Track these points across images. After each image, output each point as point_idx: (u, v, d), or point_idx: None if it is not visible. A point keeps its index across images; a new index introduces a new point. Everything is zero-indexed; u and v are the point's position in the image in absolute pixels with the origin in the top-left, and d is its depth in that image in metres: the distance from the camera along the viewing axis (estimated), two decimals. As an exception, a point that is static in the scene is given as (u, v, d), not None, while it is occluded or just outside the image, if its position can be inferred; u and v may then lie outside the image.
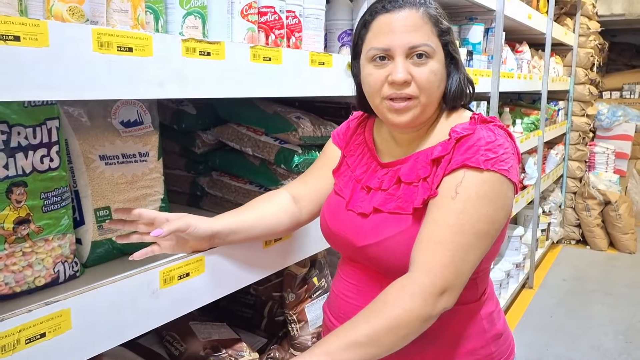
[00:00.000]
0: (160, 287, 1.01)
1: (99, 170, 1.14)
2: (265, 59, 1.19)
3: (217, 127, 1.58)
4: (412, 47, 1.01)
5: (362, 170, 1.16)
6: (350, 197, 1.13)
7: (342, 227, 1.12)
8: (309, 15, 1.42)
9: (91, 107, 1.15)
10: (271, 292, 1.50)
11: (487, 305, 1.12)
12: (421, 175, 1.04)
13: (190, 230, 1.04)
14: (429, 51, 1.02)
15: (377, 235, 1.05)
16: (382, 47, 1.03)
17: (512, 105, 3.84)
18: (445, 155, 1.02)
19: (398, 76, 1.01)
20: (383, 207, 1.06)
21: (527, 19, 3.04)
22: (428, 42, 1.02)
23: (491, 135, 1.01)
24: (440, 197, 0.99)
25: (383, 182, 1.10)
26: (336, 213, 1.15)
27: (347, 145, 1.24)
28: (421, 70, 1.02)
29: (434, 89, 1.04)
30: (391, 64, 1.03)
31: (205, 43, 1.04)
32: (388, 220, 1.05)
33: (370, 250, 1.06)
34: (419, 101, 1.03)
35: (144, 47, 0.92)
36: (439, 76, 1.04)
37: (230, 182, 1.55)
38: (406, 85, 1.02)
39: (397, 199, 1.05)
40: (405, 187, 1.05)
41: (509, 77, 2.90)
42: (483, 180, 0.96)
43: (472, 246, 0.96)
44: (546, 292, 3.89)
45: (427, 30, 1.02)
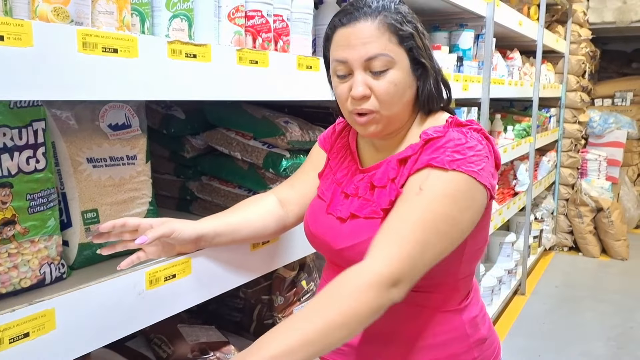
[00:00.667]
0: (147, 288, 1.01)
1: (86, 173, 1.15)
2: (252, 62, 1.20)
3: (206, 131, 1.58)
4: (368, 59, 1.00)
5: (342, 173, 1.17)
6: (331, 201, 1.14)
7: (322, 230, 1.13)
8: (297, 19, 1.43)
9: (79, 110, 1.15)
10: (260, 295, 1.50)
11: (470, 310, 1.12)
12: (390, 177, 1.05)
13: (175, 235, 1.05)
14: (387, 61, 1.00)
15: (353, 239, 1.05)
16: (340, 60, 1.03)
17: (504, 112, 3.86)
18: (412, 155, 1.02)
19: (355, 92, 1.01)
20: (359, 213, 1.07)
21: (517, 26, 3.07)
22: (384, 51, 1.00)
23: (462, 137, 1.01)
24: (405, 193, 0.99)
25: (359, 188, 1.10)
26: (317, 216, 1.16)
27: (332, 148, 1.25)
28: (380, 83, 1.01)
29: (395, 101, 1.03)
30: (352, 78, 1.03)
31: (191, 45, 1.05)
32: (364, 225, 1.05)
33: (347, 253, 1.06)
34: (381, 115, 1.03)
35: (129, 48, 0.93)
36: (401, 85, 1.03)
37: (219, 186, 1.55)
38: (365, 99, 1.02)
39: (372, 204, 1.06)
40: (378, 192, 1.06)
41: (499, 83, 2.92)
42: (448, 180, 0.96)
43: (431, 244, 0.94)
44: (538, 298, 3.90)
45: (384, 40, 1.00)
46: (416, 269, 0.93)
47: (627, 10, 5.22)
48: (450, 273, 1.06)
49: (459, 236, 0.98)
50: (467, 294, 1.14)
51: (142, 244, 1.01)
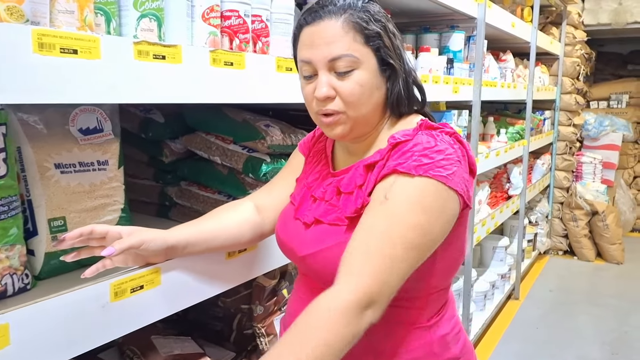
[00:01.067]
0: (111, 300, 0.97)
1: (54, 179, 1.10)
2: (226, 63, 1.15)
3: (186, 135, 1.54)
4: (332, 59, 0.96)
5: (314, 177, 1.13)
6: (299, 205, 1.10)
7: (289, 235, 1.09)
8: (277, 20, 1.38)
9: (49, 115, 1.11)
10: (239, 305, 1.45)
11: (440, 327, 1.05)
12: (357, 184, 1.01)
13: (144, 246, 1.00)
14: (352, 62, 0.97)
15: (315, 245, 1.01)
16: (305, 60, 1.00)
17: (497, 114, 3.82)
18: (379, 161, 0.98)
19: (318, 93, 0.98)
20: (324, 218, 1.03)
21: (510, 28, 3.03)
22: (349, 52, 0.96)
23: (431, 140, 0.96)
24: (371, 202, 0.94)
25: (326, 192, 1.06)
26: (286, 221, 1.12)
27: (309, 153, 1.21)
28: (344, 83, 0.97)
29: (362, 101, 0.99)
30: (316, 79, 1.00)
31: (159, 46, 1.00)
32: (327, 231, 1.01)
33: (310, 261, 1.02)
34: (347, 116, 1.00)
35: (90, 49, 0.88)
36: (368, 86, 0.99)
37: (198, 191, 1.51)
38: (329, 100, 0.99)
39: (337, 210, 1.02)
40: (344, 197, 1.02)
41: (491, 85, 2.88)
42: (414, 186, 0.90)
43: (400, 258, 0.88)
44: (532, 303, 3.86)
45: (348, 40, 0.96)
46: (388, 286, 0.87)
47: (622, 11, 5.19)
48: (421, 287, 1.01)
49: (430, 247, 0.93)
50: (439, 309, 1.07)
51: (110, 254, 0.96)
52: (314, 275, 1.05)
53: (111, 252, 0.96)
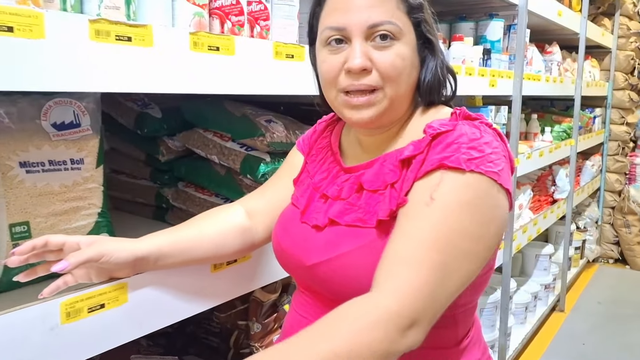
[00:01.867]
0: (62, 322, 0.83)
1: (18, 179, 0.98)
2: (211, 48, 1.00)
3: (183, 132, 1.40)
4: (372, 26, 0.83)
5: (321, 176, 0.98)
6: (306, 207, 0.95)
7: (293, 243, 0.93)
8: (279, 2, 1.22)
9: (20, 108, 0.99)
10: (236, 321, 1.30)
11: (469, 352, 0.90)
12: (388, 181, 0.85)
13: (104, 259, 0.86)
14: (394, 31, 0.83)
15: (329, 251, 0.85)
16: (337, 27, 0.85)
17: (542, 112, 3.55)
18: (418, 155, 0.83)
19: (355, 62, 0.82)
20: (340, 219, 0.87)
21: (556, 16, 2.78)
22: (392, 19, 0.83)
23: (476, 132, 0.81)
24: (412, 204, 0.79)
25: (343, 189, 0.91)
26: (288, 226, 0.97)
27: (310, 151, 1.05)
28: (384, 54, 0.83)
29: (402, 78, 0.85)
30: (348, 47, 0.85)
31: (123, 25, 0.86)
32: (345, 234, 0.86)
33: (321, 270, 0.86)
34: (384, 94, 0.85)
35: (31, 26, 0.74)
36: (408, 62, 0.86)
37: (194, 193, 1.36)
38: (365, 73, 0.84)
39: (357, 210, 0.87)
40: (368, 196, 0.87)
41: (534, 79, 2.64)
42: (466, 184, 0.77)
43: (452, 268, 0.74)
44: (579, 316, 3.57)
45: (391, 6, 0.84)
46: (436, 302, 0.73)
47: (683, 2, 4.79)
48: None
49: (486, 255, 0.79)
50: (468, 331, 0.92)
51: (62, 270, 0.82)
52: (326, 289, 0.89)
53: (64, 268, 0.82)
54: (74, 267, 0.83)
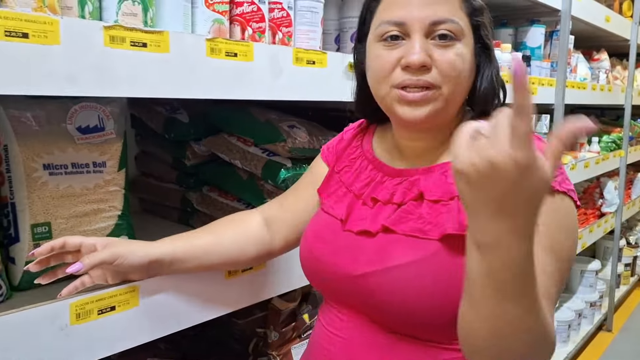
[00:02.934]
0: (72, 323, 0.84)
1: (41, 181, 1.01)
2: (229, 54, 1.00)
3: (209, 137, 1.41)
4: (435, 23, 0.79)
5: (362, 183, 0.92)
6: (348, 215, 0.89)
7: (334, 252, 0.87)
8: (302, 8, 1.22)
9: (48, 111, 1.02)
10: (254, 328, 1.30)
11: None
12: (454, 193, 0.79)
13: (118, 262, 0.86)
14: (456, 30, 0.80)
15: (383, 261, 0.80)
16: (396, 21, 0.81)
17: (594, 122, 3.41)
18: None
19: (413, 57, 0.78)
20: (396, 227, 0.82)
21: (604, 22, 2.67)
22: (454, 18, 0.80)
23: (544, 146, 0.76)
24: None
25: (395, 193, 0.86)
26: (325, 234, 0.91)
27: (339, 160, 1.00)
28: (445, 52, 0.80)
29: (461, 79, 0.81)
30: (406, 44, 0.81)
31: (139, 32, 0.87)
32: (401, 243, 0.80)
33: (372, 281, 0.80)
34: (441, 92, 0.80)
35: (46, 33, 0.76)
36: (467, 64, 0.82)
37: (217, 198, 1.37)
38: (424, 70, 0.79)
39: (417, 219, 0.81)
40: (429, 205, 0.81)
41: (579, 87, 2.54)
42: (558, 205, 0.75)
43: (557, 298, 0.73)
44: (628, 337, 3.39)
45: (454, 5, 0.81)
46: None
47: None
48: None
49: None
50: None
51: (76, 272, 0.84)
52: (373, 302, 0.82)
53: (78, 269, 0.84)
54: (88, 269, 0.84)
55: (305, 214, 1.02)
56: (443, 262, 0.76)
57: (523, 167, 0.54)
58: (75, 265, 0.84)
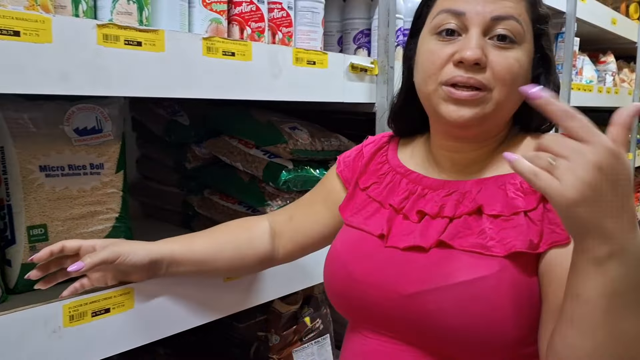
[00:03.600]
0: (65, 325, 0.83)
1: (38, 183, 1.00)
2: (226, 53, 0.99)
3: (210, 139, 1.40)
4: (497, 18, 0.75)
5: (401, 197, 0.85)
6: (389, 230, 0.82)
7: (377, 270, 0.80)
8: (303, 8, 1.21)
9: (45, 113, 1.01)
10: (256, 331, 1.28)
11: None
12: (520, 207, 0.74)
13: (120, 261, 0.84)
14: (517, 32, 0.75)
15: (443, 278, 0.73)
16: (456, 10, 0.77)
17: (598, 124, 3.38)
18: None
19: (468, 53, 0.74)
20: (453, 242, 0.76)
21: (610, 25, 2.64)
22: (519, 17, 0.76)
23: None
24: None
25: (444, 206, 0.79)
26: (366, 253, 0.83)
27: (363, 176, 0.95)
28: (503, 54, 0.75)
29: (515, 85, 0.75)
30: (462, 39, 0.77)
31: (133, 30, 0.86)
32: (461, 259, 0.74)
33: (429, 300, 0.73)
34: (492, 96, 0.75)
35: (38, 31, 0.75)
36: (524, 70, 0.77)
37: (219, 201, 1.36)
38: (478, 68, 0.74)
39: (478, 234, 0.75)
40: (489, 220, 0.75)
41: (585, 90, 2.51)
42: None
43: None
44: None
45: (521, 6, 0.77)
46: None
47: None
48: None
49: None
50: None
51: (77, 271, 0.82)
52: (427, 324, 0.75)
53: (79, 268, 0.81)
54: (89, 267, 0.82)
55: (313, 230, 1.00)
56: (509, 280, 0.71)
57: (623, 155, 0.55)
58: (76, 265, 0.81)
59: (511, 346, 0.71)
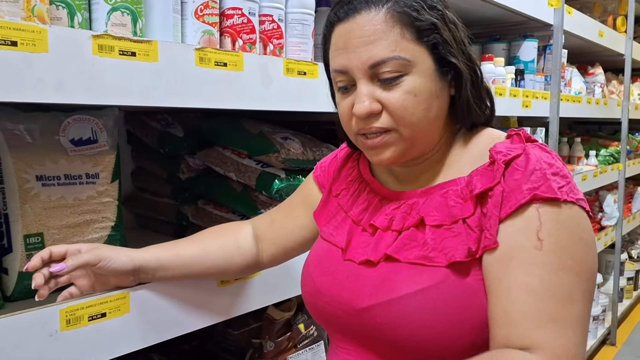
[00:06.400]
0: (62, 329, 0.84)
1: (34, 192, 1.02)
2: (218, 64, 1.02)
3: (203, 150, 1.42)
4: (373, 66, 0.75)
5: (360, 208, 0.89)
6: (348, 243, 0.86)
7: (336, 283, 0.84)
8: (293, 21, 1.24)
9: (41, 124, 1.04)
10: (250, 339, 1.29)
11: None
12: (457, 216, 0.76)
13: (102, 264, 0.86)
14: (400, 65, 0.75)
15: (387, 292, 0.76)
16: (339, 70, 0.79)
17: (588, 136, 3.43)
18: (495, 186, 0.74)
19: (358, 109, 0.77)
20: (398, 255, 0.79)
21: (597, 37, 2.70)
22: (396, 53, 0.75)
23: (548, 156, 0.75)
24: (516, 250, 0.71)
25: (394, 219, 0.82)
26: (327, 266, 0.87)
27: (335, 182, 0.98)
28: (393, 94, 0.76)
29: (417, 115, 0.77)
30: (354, 91, 0.79)
31: (128, 41, 0.89)
32: (405, 272, 0.77)
33: (378, 314, 0.77)
34: (399, 134, 0.78)
35: (34, 41, 0.78)
36: (424, 95, 0.77)
37: (212, 211, 1.38)
38: (374, 117, 0.77)
39: (421, 246, 0.77)
40: (431, 231, 0.78)
41: (575, 101, 2.56)
42: (566, 217, 0.71)
43: (584, 316, 0.69)
44: (632, 351, 3.35)
45: (394, 37, 0.75)
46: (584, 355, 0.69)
47: None
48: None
49: (593, 291, 0.73)
50: None
51: (59, 271, 0.84)
52: (380, 338, 0.78)
53: (61, 269, 0.84)
54: (71, 269, 0.84)
55: (294, 234, 1.03)
56: (451, 289, 0.74)
57: None
58: (58, 265, 0.84)
59: (474, 349, 0.72)
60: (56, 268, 0.83)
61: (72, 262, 0.84)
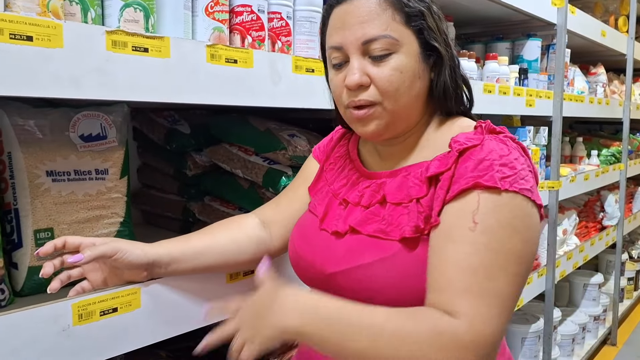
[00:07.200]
0: (74, 323, 0.84)
1: (44, 187, 1.02)
2: (229, 60, 1.02)
3: (210, 147, 1.42)
4: (366, 41, 0.84)
5: (341, 183, 0.98)
6: (325, 214, 0.95)
7: (312, 250, 0.93)
8: (301, 18, 1.24)
9: (51, 120, 1.04)
10: (257, 336, 1.29)
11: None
12: (413, 195, 0.85)
13: (118, 256, 0.87)
14: (390, 44, 0.84)
15: (350, 260, 0.86)
16: (335, 45, 0.87)
17: (590, 135, 3.44)
18: (445, 171, 0.82)
19: (349, 80, 0.85)
20: (361, 228, 0.87)
21: (600, 37, 2.70)
22: (387, 32, 0.84)
23: (504, 147, 0.80)
24: (453, 228, 0.78)
25: (363, 196, 0.91)
26: (307, 233, 0.97)
27: (327, 159, 1.06)
28: (381, 69, 0.84)
29: (401, 91, 0.85)
30: (347, 67, 0.87)
31: (141, 37, 0.89)
32: (366, 244, 0.86)
33: (340, 279, 0.86)
34: (383, 107, 0.86)
35: (49, 36, 0.78)
36: (409, 73, 0.85)
37: (219, 207, 1.38)
38: (363, 89, 0.85)
39: (380, 221, 0.86)
40: (391, 208, 0.86)
41: (577, 100, 2.56)
42: (503, 204, 0.77)
43: (508, 294, 0.75)
44: (633, 351, 3.36)
45: (385, 18, 0.84)
46: (503, 331, 0.76)
47: None
48: None
49: (526, 275, 0.79)
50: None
51: (76, 262, 0.84)
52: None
53: (79, 259, 0.84)
54: (88, 260, 0.85)
55: (299, 213, 1.05)
56: (401, 260, 0.82)
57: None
58: (76, 256, 0.85)
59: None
60: (74, 258, 0.84)
61: (90, 253, 0.85)
